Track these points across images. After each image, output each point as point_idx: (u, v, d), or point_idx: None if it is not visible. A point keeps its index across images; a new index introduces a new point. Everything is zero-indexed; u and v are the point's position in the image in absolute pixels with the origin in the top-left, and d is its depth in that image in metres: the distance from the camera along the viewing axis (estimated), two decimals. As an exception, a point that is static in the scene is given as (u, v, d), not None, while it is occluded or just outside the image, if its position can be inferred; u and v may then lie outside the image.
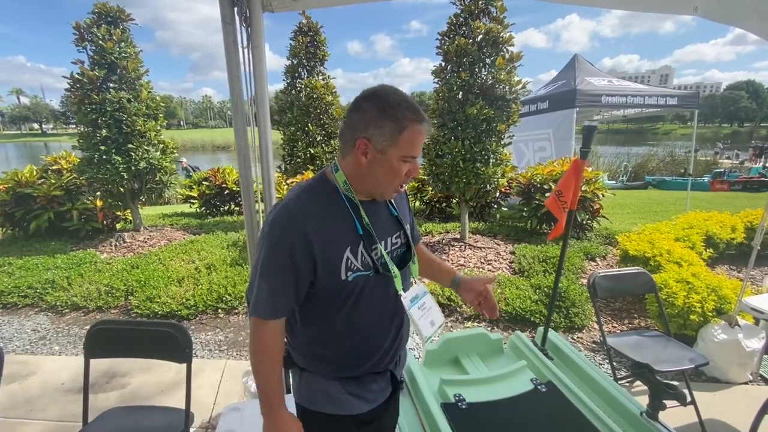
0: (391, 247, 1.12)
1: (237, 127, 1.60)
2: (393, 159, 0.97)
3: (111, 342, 1.60)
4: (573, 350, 1.92)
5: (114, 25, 5.19)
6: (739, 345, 2.53)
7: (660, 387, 1.35)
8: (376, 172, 0.99)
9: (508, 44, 4.44)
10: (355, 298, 1.04)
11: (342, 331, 1.08)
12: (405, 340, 1.24)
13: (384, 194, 1.06)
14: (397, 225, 1.15)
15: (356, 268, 1.01)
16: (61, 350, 3.19)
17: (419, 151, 1.00)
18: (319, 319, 1.08)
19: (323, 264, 0.98)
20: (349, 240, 1.01)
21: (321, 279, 1.00)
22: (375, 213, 1.08)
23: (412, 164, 1.01)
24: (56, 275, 4.19)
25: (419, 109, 0.97)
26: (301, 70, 6.68)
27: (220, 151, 54.91)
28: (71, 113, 5.37)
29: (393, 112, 0.94)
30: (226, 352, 3.14)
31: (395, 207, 1.17)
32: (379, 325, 1.12)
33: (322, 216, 0.99)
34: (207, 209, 7.49)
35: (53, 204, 5.40)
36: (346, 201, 1.03)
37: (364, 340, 1.10)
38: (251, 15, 1.51)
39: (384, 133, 0.94)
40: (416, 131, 0.96)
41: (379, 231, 1.07)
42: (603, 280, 2.33)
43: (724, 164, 17.73)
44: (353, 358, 1.11)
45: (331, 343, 1.09)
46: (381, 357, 1.13)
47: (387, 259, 1.07)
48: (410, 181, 1.07)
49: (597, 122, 1.85)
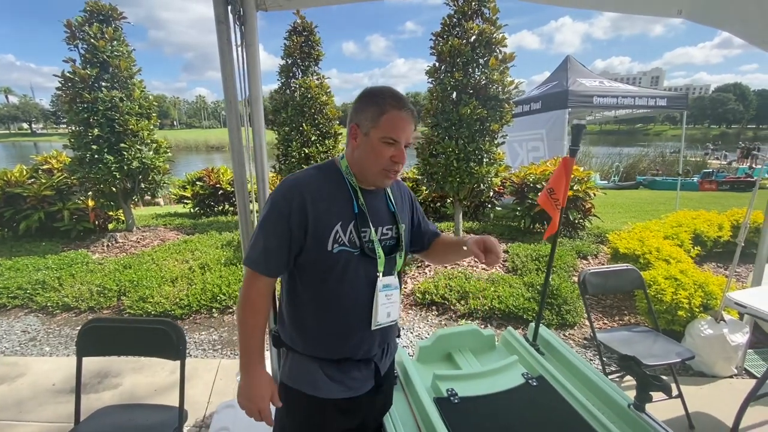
0: (381, 236, 1.18)
1: (231, 126, 1.60)
2: (375, 140, 1.07)
3: (104, 340, 1.60)
4: (563, 345, 1.95)
5: (106, 24, 5.15)
6: (725, 340, 2.58)
7: (646, 379, 1.39)
8: (363, 154, 1.10)
9: (500, 45, 4.49)
10: (338, 274, 1.10)
11: (322, 306, 1.14)
12: (390, 332, 1.28)
13: (375, 178, 1.12)
14: (391, 219, 1.22)
15: (342, 243, 1.09)
16: (52, 351, 3.16)
17: (401, 135, 1.07)
18: (304, 294, 1.15)
19: (313, 232, 1.07)
20: (342, 216, 1.10)
21: (309, 247, 1.08)
22: (373, 201, 1.18)
23: (395, 149, 1.08)
24: (47, 276, 4.15)
25: (404, 99, 1.09)
26: (296, 69, 6.65)
27: (214, 151, 54.53)
28: (62, 112, 5.31)
29: (376, 99, 1.07)
30: (220, 351, 3.13)
31: (393, 203, 1.24)
32: (359, 308, 1.15)
33: (322, 189, 1.10)
34: (201, 209, 7.46)
35: (44, 204, 5.34)
36: (348, 184, 1.14)
37: (342, 320, 1.15)
38: (245, 14, 1.52)
39: (368, 117, 1.07)
40: (396, 116, 1.06)
41: (372, 218, 1.15)
42: (593, 276, 2.37)
43: (713, 165, 18.00)
44: (332, 339, 1.16)
45: (312, 319, 1.15)
46: (359, 342, 1.18)
47: (375, 243, 1.14)
48: (397, 168, 1.10)
49: (585, 121, 1.88)
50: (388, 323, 1.21)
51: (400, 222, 1.23)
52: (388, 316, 1.19)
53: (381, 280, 1.15)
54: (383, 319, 1.18)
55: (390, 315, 1.20)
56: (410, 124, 1.09)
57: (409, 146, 1.13)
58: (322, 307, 1.14)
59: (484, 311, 3.48)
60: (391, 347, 1.34)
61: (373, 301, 1.15)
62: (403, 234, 1.23)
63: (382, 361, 1.29)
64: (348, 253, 1.11)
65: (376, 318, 1.16)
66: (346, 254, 1.10)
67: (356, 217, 1.11)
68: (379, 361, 1.27)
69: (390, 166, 1.09)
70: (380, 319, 1.17)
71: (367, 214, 1.14)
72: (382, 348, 1.28)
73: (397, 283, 1.21)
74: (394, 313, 1.21)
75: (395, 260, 1.22)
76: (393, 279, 1.20)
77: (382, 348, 1.27)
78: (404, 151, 1.10)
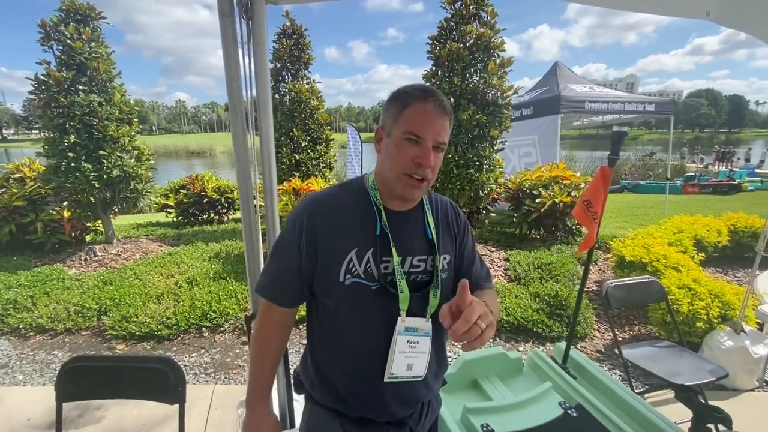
0: (409, 267, 0.97)
1: (236, 132, 1.42)
2: (396, 138, 0.90)
3: (88, 381, 1.37)
4: (596, 367, 1.82)
5: (84, 24, 4.85)
6: (747, 352, 2.51)
7: (706, 411, 1.26)
8: (384, 158, 0.94)
9: (499, 49, 4.42)
10: (348, 310, 0.94)
11: (334, 349, 0.99)
12: (431, 388, 1.05)
13: (396, 187, 0.92)
14: (428, 248, 0.99)
15: (357, 274, 0.92)
16: (26, 380, 2.86)
17: (426, 131, 0.88)
18: (318, 331, 1.02)
19: (324, 258, 0.93)
20: (360, 242, 0.93)
21: (320, 276, 0.94)
22: (404, 225, 0.98)
23: (420, 148, 0.88)
24: (19, 294, 3.81)
25: (433, 91, 0.91)
26: (285, 73, 6.47)
27: (194, 156, 53.43)
28: (35, 118, 4.96)
29: (400, 94, 0.93)
30: (213, 375, 2.89)
31: (433, 229, 1.01)
32: (373, 355, 0.95)
33: (339, 208, 0.96)
34: (185, 218, 7.13)
35: (15, 216, 4.96)
36: (372, 202, 0.97)
37: (352, 369, 0.97)
38: (253, 7, 1.34)
39: (390, 115, 0.92)
40: (420, 108, 0.88)
41: (400, 244, 0.95)
42: (616, 290, 2.25)
43: (691, 168, 18.52)
44: (343, 390, 0.99)
45: (324, 362, 1.01)
46: (374, 399, 0.97)
47: (399, 274, 0.93)
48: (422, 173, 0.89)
49: (627, 128, 1.77)
50: (409, 378, 0.96)
51: (440, 253, 0.99)
52: (409, 369, 0.95)
53: (403, 322, 0.93)
54: (400, 371, 0.94)
55: (413, 368, 0.95)
56: (438, 118, 0.89)
57: (441, 149, 0.92)
58: (333, 350, 0.99)
59: (491, 324, 3.33)
60: (433, 406, 1.12)
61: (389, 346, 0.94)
62: (440, 267, 0.99)
63: (420, 425, 1.07)
64: (362, 287, 0.92)
65: (391, 367, 0.93)
66: (360, 288, 0.92)
67: (377, 243, 0.93)
68: (416, 425, 1.06)
69: (412, 170, 0.88)
70: (396, 369, 0.94)
71: (390, 238, 0.94)
72: (417, 409, 1.05)
73: (428, 329, 0.97)
74: (419, 367, 0.96)
75: (427, 299, 0.97)
76: (423, 323, 0.96)
77: (415, 408, 1.04)
78: (431, 153, 0.88)
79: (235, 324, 3.49)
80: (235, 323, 3.50)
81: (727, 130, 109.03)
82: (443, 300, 0.97)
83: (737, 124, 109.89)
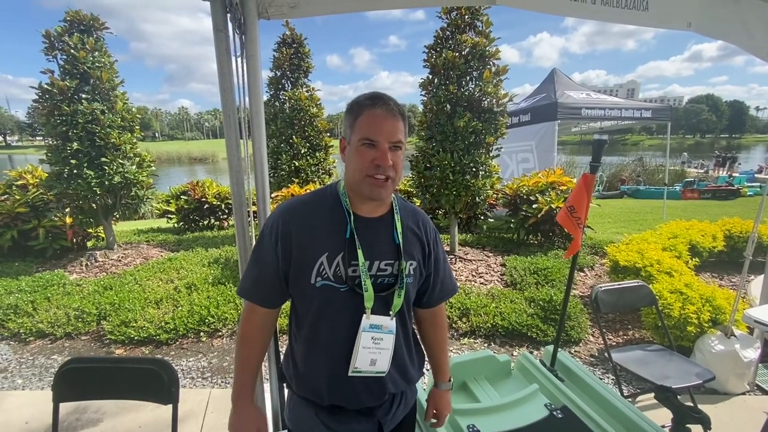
0: (376, 271, 1.03)
1: (229, 140, 1.47)
2: (355, 145, 0.97)
3: (85, 382, 1.42)
4: (583, 370, 1.85)
5: (87, 34, 4.96)
6: (737, 355, 2.53)
7: (685, 412, 1.29)
8: (348, 165, 1.01)
9: (494, 58, 4.48)
10: (320, 310, 1.01)
11: (307, 344, 1.06)
12: (398, 382, 1.10)
13: (362, 189, 0.98)
14: (394, 254, 1.05)
15: (327, 276, 0.99)
16: (25, 384, 2.90)
17: (378, 134, 0.95)
18: (295, 328, 1.10)
19: (296, 262, 0.99)
20: (330, 246, 0.99)
21: (293, 278, 1.01)
22: (371, 230, 1.04)
23: (376, 151, 0.95)
24: (20, 299, 3.86)
25: (380, 96, 0.99)
26: (285, 81, 6.56)
27: (196, 163, 53.73)
28: (39, 125, 5.05)
29: (353, 105, 1.00)
30: (210, 379, 2.93)
31: (400, 235, 1.06)
32: (339, 350, 1.02)
33: (313, 215, 1.02)
34: (185, 224, 7.19)
35: (17, 222, 5.03)
36: (343, 208, 1.03)
37: (322, 362, 1.05)
38: (246, 22, 1.40)
39: (348, 125, 1.00)
40: (370, 114, 0.96)
41: (368, 249, 1.01)
42: (605, 294, 2.29)
43: (691, 173, 18.53)
44: (313, 381, 1.07)
45: (300, 356, 1.08)
46: (341, 389, 1.04)
47: (363, 275, 0.99)
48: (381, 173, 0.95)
49: (607, 136, 1.80)
50: (371, 373, 1.03)
51: (405, 258, 1.05)
52: (372, 365, 1.01)
53: (368, 319, 1.00)
54: (363, 365, 1.01)
55: (376, 364, 1.02)
56: (388, 120, 0.95)
57: (399, 148, 0.97)
58: (306, 344, 1.06)
59: (486, 329, 3.37)
60: (406, 397, 1.18)
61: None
62: (406, 271, 1.05)
63: (389, 415, 1.13)
64: (332, 289, 0.99)
65: (355, 362, 1.00)
66: (330, 290, 0.99)
67: (346, 246, 0.99)
68: (384, 416, 1.12)
69: (373, 171, 0.94)
70: (359, 364, 1.01)
71: (357, 242, 1.00)
72: (387, 400, 1.11)
73: (392, 327, 1.03)
74: (383, 363, 1.03)
75: (391, 299, 1.04)
76: (387, 321, 1.02)
77: (384, 399, 1.10)
78: (387, 153, 0.94)
79: (232, 329, 3.53)
80: (232, 328, 3.53)
81: (728, 135, 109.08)
82: (407, 301, 1.07)
83: (738, 130, 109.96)
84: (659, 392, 1.41)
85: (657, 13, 1.89)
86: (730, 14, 1.99)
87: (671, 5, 1.90)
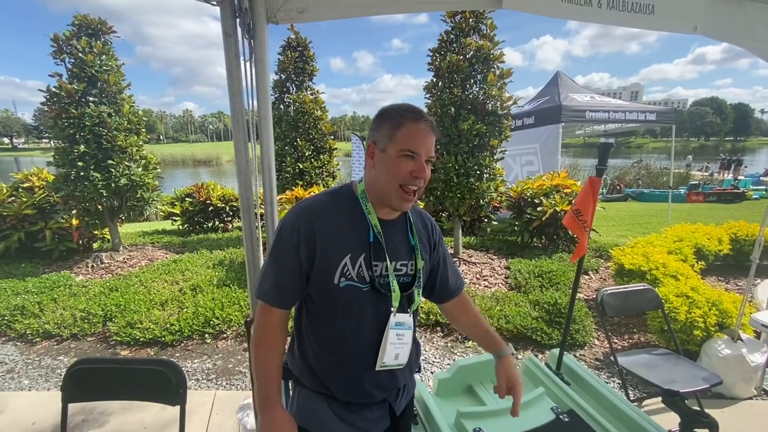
0: (394, 271, 1.08)
1: (237, 144, 1.49)
2: (392, 155, 0.98)
3: (93, 383, 1.43)
4: (589, 374, 1.84)
5: (95, 38, 5.01)
6: (744, 360, 2.51)
7: (693, 416, 1.29)
8: (380, 172, 1.01)
9: (498, 61, 4.49)
10: (343, 309, 1.03)
11: (326, 342, 1.07)
12: (405, 373, 1.18)
13: (391, 198, 1.01)
14: (409, 253, 1.11)
15: (350, 277, 1.01)
16: (32, 385, 2.92)
17: (420, 148, 0.98)
18: (310, 326, 1.09)
19: (320, 265, 1.00)
20: (353, 247, 1.02)
21: (315, 279, 1.02)
22: (389, 232, 1.07)
23: (415, 163, 0.98)
24: (26, 300, 3.89)
25: (421, 111, 1.02)
26: (290, 84, 6.60)
27: (201, 165, 54.01)
28: (46, 128, 5.10)
29: (392, 114, 1.01)
30: (215, 381, 2.93)
31: (414, 236, 1.12)
32: (364, 348, 1.07)
33: (334, 217, 1.03)
34: (190, 226, 7.23)
35: (24, 223, 5.07)
36: (363, 211, 1.05)
37: (346, 361, 1.07)
38: (255, 27, 1.42)
39: (384, 134, 1.00)
40: (414, 128, 0.98)
41: (388, 250, 1.05)
42: (611, 297, 2.28)
43: (696, 176, 18.43)
44: (335, 378, 1.08)
45: (317, 354, 1.08)
46: (364, 385, 1.09)
47: (391, 276, 1.05)
48: (417, 185, 1.00)
49: (613, 139, 1.80)
50: (395, 366, 1.10)
51: (419, 258, 1.11)
52: (396, 358, 1.09)
53: (394, 317, 1.05)
54: (390, 360, 1.07)
55: (398, 357, 1.09)
56: (430, 136, 1.00)
57: (431, 162, 1.03)
58: (326, 343, 1.08)
59: (491, 332, 3.35)
60: (408, 387, 1.25)
61: (381, 340, 1.06)
62: (420, 271, 1.12)
63: (398, 401, 1.20)
64: (355, 289, 1.02)
65: (383, 357, 1.06)
66: (353, 290, 1.02)
67: (370, 249, 1.03)
68: (394, 401, 1.18)
69: (409, 182, 0.99)
70: (387, 359, 1.07)
71: (383, 245, 1.04)
72: (397, 388, 1.18)
73: (411, 323, 1.10)
74: (403, 356, 1.11)
75: (413, 297, 1.11)
76: (408, 318, 1.09)
77: (395, 389, 1.18)
78: (425, 167, 1.00)
79: (237, 330, 3.54)
80: (237, 330, 3.54)
81: (733, 138, 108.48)
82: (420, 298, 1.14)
83: (743, 133, 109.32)
84: (666, 396, 1.40)
85: (663, 16, 1.89)
86: (736, 17, 1.99)
87: (677, 8, 1.90)
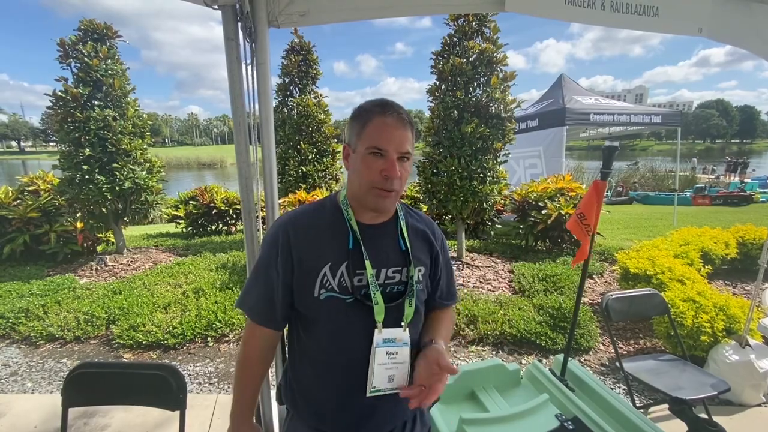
0: (384, 279, 0.98)
1: (239, 147, 1.48)
2: (361, 153, 0.93)
3: (94, 387, 1.42)
4: (594, 380, 1.82)
5: (101, 42, 5.06)
6: (752, 366, 2.47)
7: (701, 425, 1.26)
8: (353, 173, 0.96)
9: (501, 64, 4.48)
10: (326, 325, 0.96)
11: (312, 364, 1.00)
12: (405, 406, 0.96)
13: (368, 200, 0.95)
14: (401, 260, 1.01)
15: (331, 288, 0.94)
16: (34, 387, 2.92)
17: (388, 143, 0.90)
18: (298, 347, 1.03)
19: (299, 274, 0.95)
20: (333, 256, 0.95)
21: (297, 291, 0.96)
22: (377, 237, 1.00)
23: (385, 161, 0.90)
24: (31, 303, 3.91)
25: (391, 104, 0.94)
26: (293, 88, 6.63)
27: (205, 168, 54.32)
28: (52, 131, 5.15)
29: (361, 112, 0.95)
30: (216, 385, 2.93)
31: (407, 241, 1.02)
32: (352, 369, 0.95)
33: (313, 226, 0.98)
34: (193, 229, 7.25)
35: (29, 226, 5.11)
36: (345, 217, 0.99)
37: (332, 383, 0.98)
38: (256, 31, 1.42)
39: (354, 132, 0.95)
40: (380, 122, 0.91)
41: (374, 257, 0.97)
42: (616, 302, 2.25)
43: (701, 179, 18.28)
44: (323, 407, 1.00)
45: (304, 378, 1.02)
46: (364, 416, 0.98)
47: (372, 286, 0.94)
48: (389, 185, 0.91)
49: (618, 142, 1.79)
50: (390, 390, 0.95)
51: (413, 264, 1.00)
52: (390, 381, 0.94)
53: (380, 333, 0.94)
54: (381, 384, 0.94)
55: (394, 380, 0.94)
56: (398, 130, 0.90)
57: (407, 158, 0.93)
58: (312, 365, 1.00)
59: (494, 336, 3.33)
60: (417, 424, 1.09)
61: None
62: (415, 278, 1.00)
63: None
64: (338, 301, 0.94)
65: (372, 381, 0.93)
66: (336, 302, 0.94)
67: (350, 256, 0.95)
68: None
69: (380, 183, 0.90)
70: (377, 383, 0.93)
71: (363, 251, 0.95)
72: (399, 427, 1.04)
73: (406, 339, 0.96)
74: (401, 378, 0.95)
75: (402, 309, 0.98)
76: (400, 333, 0.96)
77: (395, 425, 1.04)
78: (396, 164, 0.90)
79: (239, 334, 3.53)
80: (239, 333, 3.54)
81: (739, 140, 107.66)
82: (417, 309, 1.01)
83: (749, 135, 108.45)
84: (673, 404, 1.37)
85: (667, 19, 1.87)
86: (741, 19, 1.97)
87: (682, 11, 1.88)
